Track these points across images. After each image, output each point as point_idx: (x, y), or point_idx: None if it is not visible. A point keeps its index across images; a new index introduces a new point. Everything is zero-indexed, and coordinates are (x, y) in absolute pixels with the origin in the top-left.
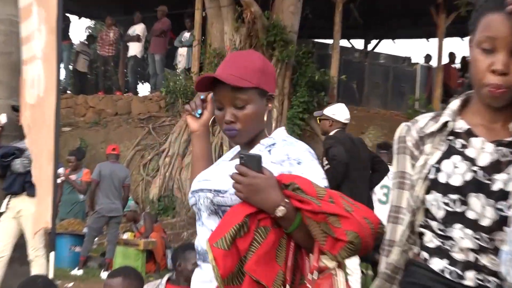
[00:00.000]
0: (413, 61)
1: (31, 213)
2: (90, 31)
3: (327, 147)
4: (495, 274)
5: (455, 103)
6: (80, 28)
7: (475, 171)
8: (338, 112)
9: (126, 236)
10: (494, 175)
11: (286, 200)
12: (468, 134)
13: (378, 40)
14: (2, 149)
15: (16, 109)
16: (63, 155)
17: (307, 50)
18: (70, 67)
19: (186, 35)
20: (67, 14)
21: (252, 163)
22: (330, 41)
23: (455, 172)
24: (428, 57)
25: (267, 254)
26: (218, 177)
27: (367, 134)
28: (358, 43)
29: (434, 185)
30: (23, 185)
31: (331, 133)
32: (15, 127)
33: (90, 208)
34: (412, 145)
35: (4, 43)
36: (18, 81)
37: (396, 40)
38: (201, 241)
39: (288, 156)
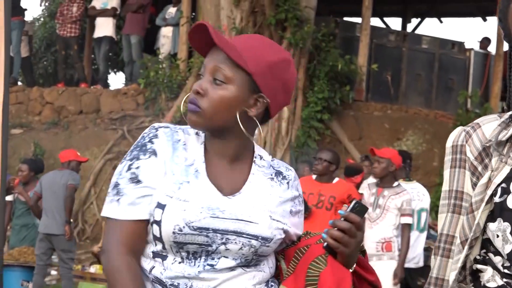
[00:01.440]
0: (465, 46)
1: None
2: (47, 4)
3: None
4: None
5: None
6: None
7: None
8: None
9: (93, 269)
10: None
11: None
12: None
13: (420, 19)
14: None
15: None
16: (13, 165)
17: (328, 31)
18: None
19: (172, 10)
20: None
21: (361, 214)
22: (358, 20)
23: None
24: (485, 41)
25: None
26: (266, 222)
27: (405, 140)
28: (394, 23)
29: (500, 211)
30: None
31: None
32: None
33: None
34: (474, 158)
35: None
36: None
37: (443, 19)
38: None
39: (299, 192)
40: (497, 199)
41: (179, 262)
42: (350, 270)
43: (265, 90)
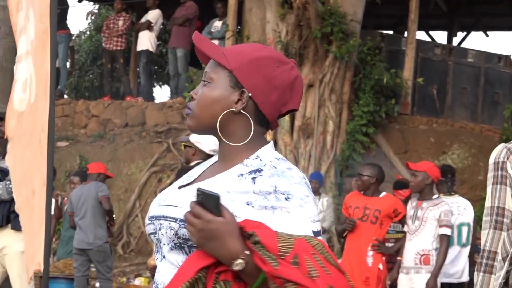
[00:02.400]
0: None
1: (17, 252)
2: (93, 18)
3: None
4: None
5: None
6: (80, 14)
7: None
8: (204, 141)
9: (138, 281)
10: None
11: (247, 252)
12: None
13: (466, 33)
14: None
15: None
16: (59, 178)
17: (373, 44)
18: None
19: (217, 24)
20: None
21: (209, 202)
22: (403, 34)
23: None
24: None
25: None
26: (187, 204)
27: (450, 154)
28: (440, 37)
29: None
30: (8, 215)
31: (192, 164)
32: None
33: None
34: None
35: None
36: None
37: (489, 33)
38: (163, 277)
39: (275, 188)
40: None
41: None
42: (234, 268)
43: (246, 84)
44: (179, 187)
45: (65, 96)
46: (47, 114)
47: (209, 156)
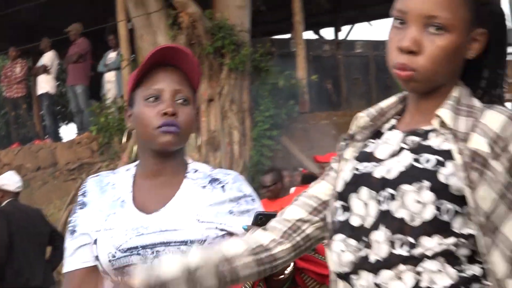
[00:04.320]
0: None
1: None
2: None
3: None
4: None
5: (389, 100)
6: None
7: (357, 168)
8: (7, 181)
9: None
10: (382, 164)
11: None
12: (390, 129)
13: (351, 25)
14: None
15: None
16: None
17: (265, 51)
18: None
19: (112, 55)
20: None
21: (266, 223)
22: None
23: (341, 177)
24: None
25: None
26: (191, 226)
27: None
28: (327, 33)
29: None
30: None
31: (2, 205)
32: None
33: None
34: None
35: None
36: None
37: (373, 22)
38: None
39: (243, 192)
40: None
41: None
42: (282, 276)
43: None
44: (138, 210)
45: None
46: None
47: (17, 194)
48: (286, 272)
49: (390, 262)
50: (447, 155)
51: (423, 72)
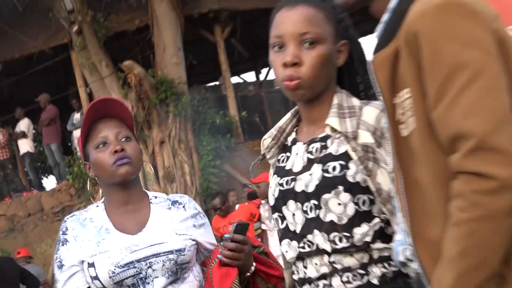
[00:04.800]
0: None
1: None
2: None
3: None
4: (322, 277)
5: (285, 117)
6: None
7: (285, 184)
8: None
9: None
10: (299, 177)
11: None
12: (294, 143)
13: (268, 68)
14: None
15: None
16: None
17: (201, 97)
18: None
19: (77, 116)
20: None
21: (243, 231)
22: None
23: (270, 192)
24: None
25: None
26: (173, 238)
27: None
28: (250, 76)
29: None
30: None
31: None
32: None
33: None
34: None
35: None
36: None
37: None
38: None
39: (197, 210)
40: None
41: None
42: (248, 273)
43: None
44: (124, 233)
45: None
46: None
47: None
48: (251, 270)
49: (349, 250)
50: (346, 157)
51: (307, 79)
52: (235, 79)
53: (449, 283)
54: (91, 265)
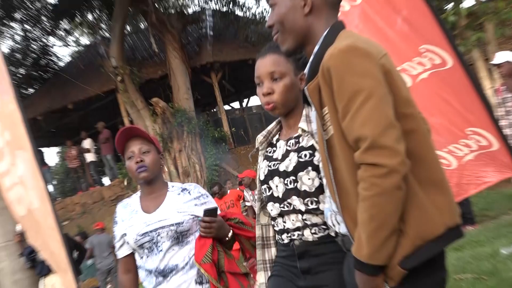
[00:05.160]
0: None
1: (60, 284)
2: (60, 153)
3: None
4: (297, 229)
5: (272, 125)
6: (52, 153)
7: (272, 166)
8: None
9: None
10: (282, 162)
11: (230, 229)
12: (277, 141)
13: (247, 98)
14: (27, 249)
15: None
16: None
17: (204, 120)
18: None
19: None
20: (40, 149)
21: (213, 213)
22: (219, 109)
23: (261, 171)
24: None
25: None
26: (173, 215)
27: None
28: (236, 104)
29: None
30: (48, 266)
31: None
32: None
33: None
34: None
35: None
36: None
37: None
38: (171, 259)
39: (200, 193)
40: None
41: (145, 256)
42: (227, 238)
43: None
44: (145, 212)
45: (58, 199)
46: (51, 212)
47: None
48: (229, 235)
49: (315, 211)
50: (312, 148)
51: (278, 103)
52: (226, 107)
53: (364, 241)
54: (125, 235)
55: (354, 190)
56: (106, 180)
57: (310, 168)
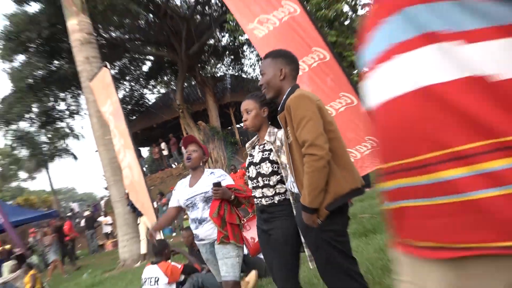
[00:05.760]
0: None
1: (147, 220)
2: (149, 151)
3: None
4: (260, 198)
5: (253, 138)
6: (144, 151)
7: (251, 160)
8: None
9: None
10: (254, 158)
11: (232, 193)
12: (255, 146)
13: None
14: (130, 202)
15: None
16: (154, 197)
17: (226, 132)
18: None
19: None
20: (138, 148)
21: (218, 185)
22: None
23: (247, 162)
24: None
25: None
26: (204, 188)
27: None
28: (242, 124)
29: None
30: (140, 212)
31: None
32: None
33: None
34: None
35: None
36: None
37: None
38: (202, 214)
39: (221, 174)
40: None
41: (190, 211)
42: (231, 198)
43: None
44: (189, 187)
45: (148, 175)
46: (144, 185)
47: None
48: (232, 197)
49: (268, 186)
50: (270, 150)
51: (249, 125)
52: (238, 126)
53: (306, 195)
54: (178, 198)
55: (302, 169)
56: (173, 165)
57: (267, 161)
